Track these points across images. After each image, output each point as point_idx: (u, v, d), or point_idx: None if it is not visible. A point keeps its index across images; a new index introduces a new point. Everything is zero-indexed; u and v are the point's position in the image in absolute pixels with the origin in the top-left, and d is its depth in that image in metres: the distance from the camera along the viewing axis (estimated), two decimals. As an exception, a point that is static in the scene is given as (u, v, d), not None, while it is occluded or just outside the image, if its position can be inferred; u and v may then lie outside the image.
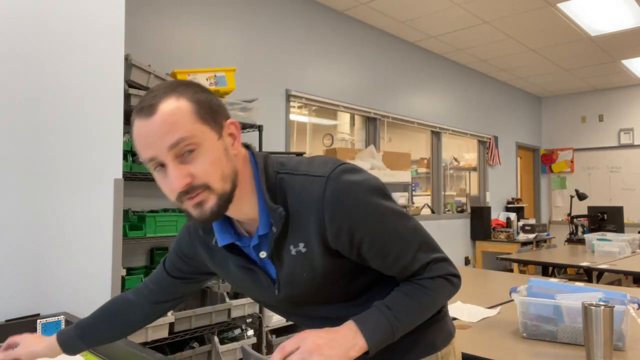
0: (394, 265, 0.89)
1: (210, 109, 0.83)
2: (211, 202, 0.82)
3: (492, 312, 1.91)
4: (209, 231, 0.97)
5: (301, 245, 0.88)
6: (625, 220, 5.86)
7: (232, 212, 0.88)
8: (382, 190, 0.88)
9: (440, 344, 0.99)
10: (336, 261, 0.90)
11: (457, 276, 0.94)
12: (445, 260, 0.93)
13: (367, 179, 0.87)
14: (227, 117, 0.87)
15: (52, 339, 1.10)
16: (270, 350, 3.34)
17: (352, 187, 0.85)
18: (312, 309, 0.98)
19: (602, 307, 1.33)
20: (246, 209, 0.89)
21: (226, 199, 0.83)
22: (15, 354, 1.08)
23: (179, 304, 1.13)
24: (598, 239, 4.04)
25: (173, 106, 0.79)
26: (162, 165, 0.81)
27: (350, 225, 0.85)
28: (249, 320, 3.28)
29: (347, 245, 0.87)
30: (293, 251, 0.89)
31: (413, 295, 0.89)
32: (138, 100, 2.73)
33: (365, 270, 0.94)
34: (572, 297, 1.57)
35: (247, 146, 0.94)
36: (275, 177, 0.89)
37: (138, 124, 0.80)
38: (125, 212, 2.83)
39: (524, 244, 5.97)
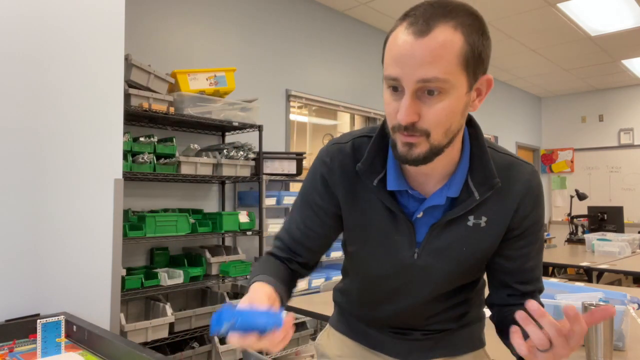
0: (526, 272, 0.93)
1: (479, 57, 0.76)
2: (422, 148, 0.77)
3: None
4: (374, 169, 0.89)
5: (484, 219, 0.88)
6: (625, 220, 5.85)
7: (439, 159, 0.83)
8: None
9: (484, 339, 1.08)
10: (495, 246, 0.91)
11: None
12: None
13: None
14: (485, 71, 0.80)
15: (267, 288, 0.83)
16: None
17: (542, 188, 0.92)
18: (430, 293, 0.96)
19: (602, 307, 1.33)
20: (442, 165, 0.85)
21: (437, 152, 0.79)
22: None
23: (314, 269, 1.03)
24: (598, 239, 4.04)
25: (447, 37, 0.72)
26: (397, 88, 0.77)
27: (532, 218, 0.89)
28: (249, 320, 3.28)
29: (514, 230, 0.89)
30: (471, 222, 0.88)
31: None
32: (138, 100, 2.74)
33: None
34: (572, 297, 1.57)
35: None
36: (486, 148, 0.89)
37: (402, 36, 0.74)
38: (125, 212, 2.83)
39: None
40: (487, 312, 1.09)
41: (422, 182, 0.88)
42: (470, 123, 0.89)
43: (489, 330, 1.10)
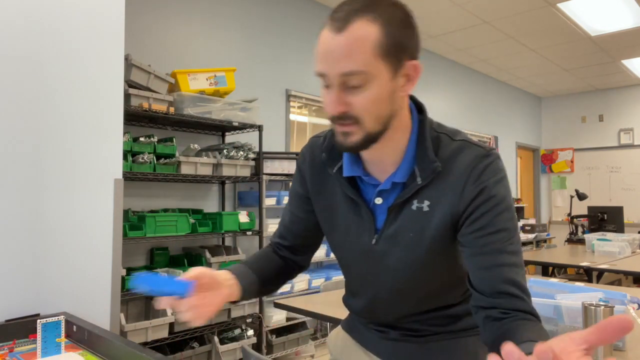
0: (497, 259, 0.82)
1: (399, 44, 0.79)
2: (357, 136, 0.82)
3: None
4: (334, 158, 0.95)
5: (426, 203, 0.88)
6: (625, 220, 5.85)
7: (372, 150, 0.87)
8: (512, 198, 0.90)
9: (482, 354, 0.97)
10: (445, 236, 0.88)
11: (539, 318, 0.83)
12: (529, 297, 0.84)
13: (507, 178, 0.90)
14: (413, 56, 0.82)
15: (223, 271, 0.90)
16: (270, 350, 3.34)
17: (499, 172, 0.86)
18: (392, 283, 0.95)
19: (602, 307, 1.33)
20: (388, 151, 0.88)
21: (372, 139, 0.83)
22: (198, 271, 0.82)
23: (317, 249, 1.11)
24: (598, 239, 4.04)
25: (363, 31, 0.76)
26: (330, 84, 0.81)
27: (481, 202, 0.84)
28: (249, 320, 3.28)
29: (467, 218, 0.86)
30: (414, 206, 0.88)
31: (542, 333, 0.77)
32: (138, 100, 2.74)
33: (458, 264, 0.93)
34: (572, 297, 1.57)
35: (410, 96, 0.92)
36: (433, 133, 0.89)
37: (325, 34, 0.79)
38: (125, 212, 2.83)
39: (524, 244, 5.97)
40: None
41: (377, 168, 0.91)
42: (421, 110, 0.92)
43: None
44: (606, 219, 5.51)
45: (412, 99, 0.92)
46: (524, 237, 6.16)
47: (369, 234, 0.93)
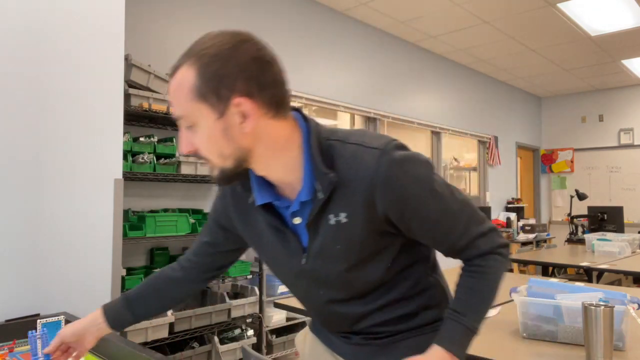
0: (444, 241, 0.89)
1: (218, 83, 0.78)
2: (215, 171, 0.84)
3: (492, 312, 1.91)
4: (248, 188, 0.95)
5: (342, 215, 0.86)
6: (625, 220, 5.86)
7: (267, 175, 0.88)
8: (431, 165, 0.88)
9: None
10: (373, 236, 0.88)
11: (507, 245, 0.94)
12: (494, 230, 0.92)
13: (416, 154, 0.87)
14: (245, 92, 0.79)
15: (96, 312, 1.07)
16: (270, 350, 3.34)
17: (404, 162, 0.84)
18: (332, 294, 0.95)
19: (602, 307, 1.33)
20: (283, 174, 0.87)
21: (230, 174, 0.84)
22: (58, 340, 1.05)
23: (220, 274, 1.13)
24: (598, 239, 4.04)
25: (179, 78, 0.80)
26: None
27: (402, 201, 0.84)
28: (249, 320, 3.28)
29: (397, 219, 0.86)
30: (332, 220, 0.87)
31: (475, 286, 0.90)
32: (138, 100, 2.74)
33: (394, 255, 0.93)
34: (572, 297, 1.57)
35: (296, 110, 0.91)
36: (325, 143, 0.87)
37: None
38: (125, 212, 2.83)
39: (524, 244, 5.97)
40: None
41: (287, 190, 0.91)
42: (306, 121, 0.90)
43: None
44: (606, 219, 5.51)
45: (298, 111, 0.91)
46: (524, 237, 6.16)
47: (297, 255, 0.93)
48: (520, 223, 6.56)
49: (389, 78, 5.23)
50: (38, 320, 1.18)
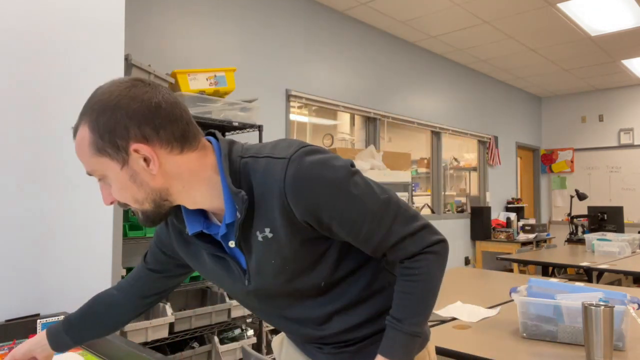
0: (368, 242, 0.87)
1: (110, 136, 0.79)
2: (139, 214, 0.87)
3: (492, 312, 1.91)
4: (181, 220, 0.94)
5: (267, 230, 0.86)
6: (625, 220, 5.86)
7: (193, 204, 0.88)
8: (347, 168, 0.84)
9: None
10: (305, 246, 0.87)
11: (440, 241, 0.89)
12: (423, 228, 0.88)
13: (329, 157, 0.84)
14: (140, 138, 0.80)
15: (42, 334, 1.08)
16: (270, 350, 3.34)
17: (313, 168, 0.82)
18: (285, 306, 0.96)
19: (602, 307, 1.33)
20: (208, 201, 0.87)
21: (154, 216, 0.86)
22: (10, 358, 1.06)
23: (163, 298, 1.12)
24: (598, 239, 4.04)
25: (79, 138, 0.82)
26: None
27: (316, 207, 0.82)
28: (249, 320, 3.28)
29: (317, 226, 0.85)
30: (259, 237, 0.87)
31: (410, 290, 0.88)
32: (138, 100, 2.74)
33: (335, 258, 0.91)
34: (572, 297, 1.57)
35: (211, 134, 0.92)
36: (239, 161, 0.87)
37: None
38: (125, 212, 2.83)
39: (524, 244, 5.98)
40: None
41: (217, 216, 0.92)
42: (218, 144, 0.89)
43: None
44: (606, 219, 5.51)
45: (212, 135, 0.92)
46: (524, 237, 6.17)
47: (240, 278, 0.93)
48: (520, 223, 6.57)
49: (389, 78, 5.23)
50: (38, 320, 1.18)
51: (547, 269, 3.92)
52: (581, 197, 5.73)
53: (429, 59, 5.83)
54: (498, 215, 6.89)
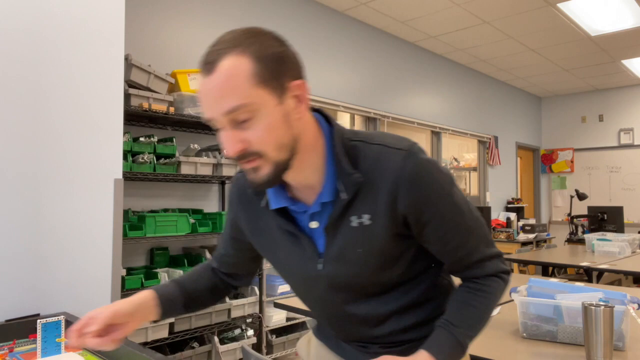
0: (452, 253, 0.89)
1: (277, 68, 0.77)
2: (266, 169, 0.79)
3: (492, 312, 1.90)
4: (260, 192, 0.92)
5: (366, 217, 0.85)
6: (625, 220, 5.86)
7: (292, 177, 0.85)
8: (451, 176, 0.88)
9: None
10: (395, 240, 0.87)
11: (509, 272, 0.94)
12: (500, 256, 0.93)
13: (436, 161, 0.88)
14: (296, 76, 0.80)
15: (145, 294, 0.95)
16: (270, 350, 3.34)
17: (429, 165, 0.84)
18: (350, 300, 0.94)
19: (602, 307, 1.33)
20: (308, 174, 0.85)
21: (282, 168, 0.80)
22: (110, 315, 0.87)
23: (244, 284, 1.13)
24: (598, 239, 4.04)
25: (232, 66, 0.74)
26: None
27: (422, 202, 0.83)
28: (249, 320, 3.28)
29: (414, 222, 0.85)
30: (355, 222, 0.85)
31: (473, 302, 0.89)
32: (138, 100, 2.74)
33: (410, 259, 0.92)
34: (572, 297, 1.57)
35: (316, 110, 0.89)
36: (348, 143, 0.86)
37: (200, 80, 0.78)
38: (125, 212, 2.83)
39: (524, 244, 5.97)
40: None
41: (303, 193, 0.88)
42: (328, 121, 0.88)
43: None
44: (606, 219, 5.51)
45: (320, 112, 0.90)
46: (524, 237, 6.16)
47: (313, 260, 0.90)
48: (520, 223, 6.56)
49: (389, 78, 5.23)
50: (38, 320, 1.18)
51: (547, 269, 3.91)
52: (581, 197, 5.73)
53: (429, 59, 5.83)
54: (498, 215, 6.89)
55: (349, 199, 0.84)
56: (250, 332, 3.21)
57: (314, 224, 0.88)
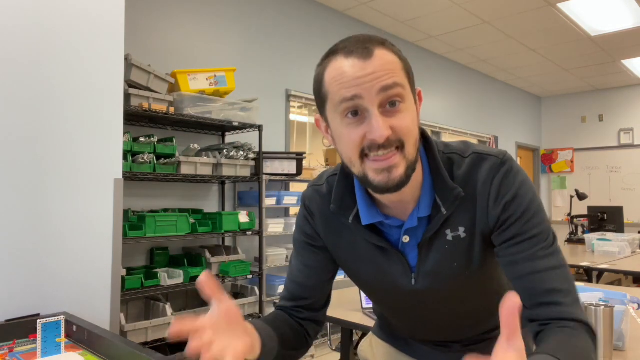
0: (531, 267, 0.80)
1: (411, 70, 0.81)
2: (401, 168, 0.75)
3: None
4: (347, 207, 0.88)
5: (461, 229, 0.83)
6: (625, 220, 5.85)
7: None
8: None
9: (532, 346, 0.93)
10: (487, 250, 0.85)
11: (593, 331, 0.78)
12: (580, 300, 0.80)
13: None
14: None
15: (249, 340, 0.73)
16: (270, 350, 3.34)
17: (521, 174, 0.83)
18: (443, 308, 0.92)
19: (602, 307, 1.33)
20: (411, 186, 0.82)
21: (413, 168, 0.78)
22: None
23: (320, 324, 1.00)
24: (598, 239, 4.04)
25: (389, 55, 0.77)
26: (356, 112, 0.75)
27: (514, 204, 0.80)
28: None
29: (501, 224, 0.82)
30: (450, 236, 0.84)
31: (575, 342, 0.72)
32: (138, 100, 2.74)
33: (497, 264, 0.90)
34: (572, 297, 1.56)
35: None
36: (443, 156, 0.85)
37: (350, 63, 0.74)
38: (125, 212, 2.83)
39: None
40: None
41: (397, 208, 0.86)
42: (424, 136, 0.86)
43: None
44: (606, 219, 5.51)
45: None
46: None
47: (405, 275, 0.88)
48: (520, 223, 6.55)
49: (389, 78, 5.22)
50: (38, 320, 1.18)
51: (547, 269, 3.90)
52: (581, 197, 5.72)
53: (429, 59, 5.83)
54: (498, 215, 6.89)
55: (449, 213, 0.82)
56: (250, 332, 3.20)
57: (406, 239, 0.86)
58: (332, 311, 1.86)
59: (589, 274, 3.46)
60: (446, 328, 0.98)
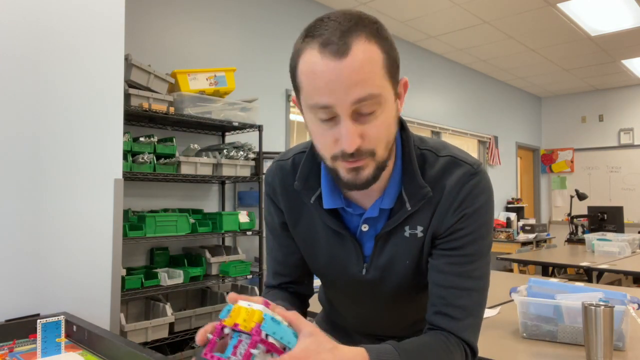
0: (453, 281, 0.81)
1: (396, 61, 0.73)
2: (369, 169, 0.74)
3: (492, 312, 1.91)
4: (310, 187, 0.86)
5: (419, 228, 0.83)
6: (625, 220, 5.85)
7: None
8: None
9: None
10: (429, 253, 0.85)
11: (475, 354, 0.82)
12: (479, 328, 0.83)
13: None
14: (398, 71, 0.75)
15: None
16: (270, 350, 3.34)
17: (488, 189, 0.82)
18: (388, 302, 0.93)
19: (602, 307, 1.33)
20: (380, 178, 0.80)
21: (382, 168, 0.76)
22: None
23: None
24: (598, 239, 4.04)
25: (367, 53, 0.68)
26: (333, 117, 0.71)
27: (469, 218, 0.80)
28: (249, 320, 3.28)
29: (448, 233, 0.81)
30: (407, 233, 0.83)
31: (431, 354, 0.76)
32: (138, 100, 2.74)
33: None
34: (572, 297, 1.57)
35: None
36: (417, 151, 0.83)
37: (323, 62, 0.69)
38: (125, 212, 2.83)
39: (524, 244, 5.97)
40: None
41: (361, 196, 0.85)
42: (402, 126, 0.84)
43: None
44: (606, 219, 5.51)
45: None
46: (524, 237, 6.16)
47: (357, 264, 0.88)
48: (520, 223, 6.56)
49: (389, 78, 5.23)
50: (38, 320, 1.18)
51: (547, 269, 3.91)
52: (581, 197, 5.72)
53: (429, 59, 5.83)
54: (498, 215, 6.89)
55: (413, 211, 0.81)
56: (250, 332, 3.20)
57: (364, 227, 0.85)
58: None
59: (589, 274, 3.46)
60: (387, 321, 0.98)
